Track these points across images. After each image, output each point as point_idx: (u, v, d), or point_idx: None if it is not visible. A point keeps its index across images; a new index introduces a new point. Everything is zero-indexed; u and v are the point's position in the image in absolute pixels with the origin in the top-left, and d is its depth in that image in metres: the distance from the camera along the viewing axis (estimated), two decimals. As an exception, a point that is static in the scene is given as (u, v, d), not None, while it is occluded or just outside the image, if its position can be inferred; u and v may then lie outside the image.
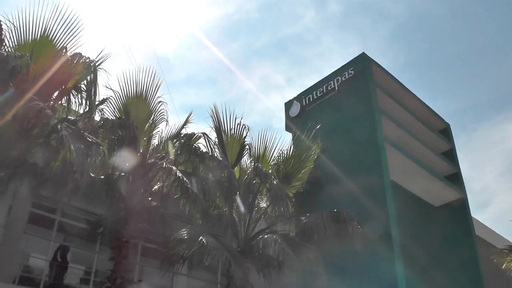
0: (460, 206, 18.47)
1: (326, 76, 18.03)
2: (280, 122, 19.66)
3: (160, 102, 11.17)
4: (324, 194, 14.17)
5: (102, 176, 9.67)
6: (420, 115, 18.86)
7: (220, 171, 11.16)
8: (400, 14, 61.05)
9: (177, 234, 9.93)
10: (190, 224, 10.47)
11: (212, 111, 12.53)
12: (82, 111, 9.72)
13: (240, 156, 12.56)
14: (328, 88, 17.64)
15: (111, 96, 10.70)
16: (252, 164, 12.17)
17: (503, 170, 60.00)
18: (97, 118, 10.16)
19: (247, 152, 12.68)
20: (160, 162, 10.29)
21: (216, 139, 12.35)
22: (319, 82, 18.32)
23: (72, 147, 7.56)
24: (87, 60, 9.43)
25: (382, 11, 59.86)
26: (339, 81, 17.36)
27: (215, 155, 11.69)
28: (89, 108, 9.70)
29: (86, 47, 9.75)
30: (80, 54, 9.45)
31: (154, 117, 11.20)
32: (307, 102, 18.21)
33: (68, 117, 9.31)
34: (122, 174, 10.14)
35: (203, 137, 11.51)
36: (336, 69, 17.87)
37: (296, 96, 18.97)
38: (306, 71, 69.58)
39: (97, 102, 9.97)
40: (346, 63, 17.58)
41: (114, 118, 10.50)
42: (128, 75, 10.89)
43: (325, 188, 14.22)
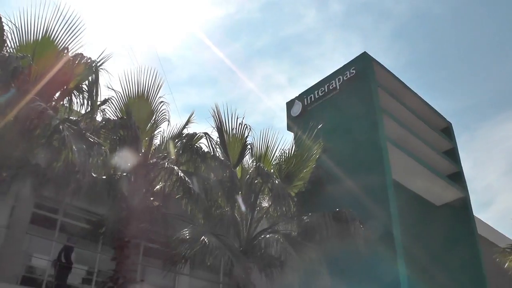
0: (462, 205, 18.45)
1: (328, 76, 18.03)
2: (282, 121, 19.64)
3: (161, 102, 11.19)
4: (326, 194, 14.17)
5: (104, 176, 9.69)
6: (421, 114, 18.83)
7: (222, 171, 11.19)
8: (401, 14, 61.01)
9: (179, 234, 9.91)
10: (192, 224, 10.47)
11: (214, 111, 12.53)
12: (84, 111, 9.75)
13: (242, 156, 12.55)
14: (330, 87, 17.64)
15: (113, 96, 10.73)
16: (254, 163, 12.16)
17: (506, 169, 59.97)
18: (98, 118, 10.17)
19: (249, 152, 12.67)
20: (162, 162, 10.31)
21: (218, 139, 12.34)
22: (320, 81, 18.32)
23: (74, 147, 7.59)
24: (89, 60, 9.45)
25: (383, 10, 59.83)
26: (341, 80, 17.36)
27: (217, 155, 11.71)
28: (90, 109, 9.72)
29: (88, 47, 9.80)
30: (82, 54, 9.49)
31: (155, 117, 11.21)
32: (308, 101, 18.21)
33: (70, 117, 9.32)
34: (124, 174, 10.15)
35: (204, 137, 11.54)
36: (337, 68, 17.90)
37: (297, 95, 18.99)
38: (307, 71, 69.50)
39: (98, 103, 9.97)
40: (348, 62, 17.59)
41: (116, 118, 10.50)
42: (130, 75, 10.92)
43: (327, 187, 14.22)
